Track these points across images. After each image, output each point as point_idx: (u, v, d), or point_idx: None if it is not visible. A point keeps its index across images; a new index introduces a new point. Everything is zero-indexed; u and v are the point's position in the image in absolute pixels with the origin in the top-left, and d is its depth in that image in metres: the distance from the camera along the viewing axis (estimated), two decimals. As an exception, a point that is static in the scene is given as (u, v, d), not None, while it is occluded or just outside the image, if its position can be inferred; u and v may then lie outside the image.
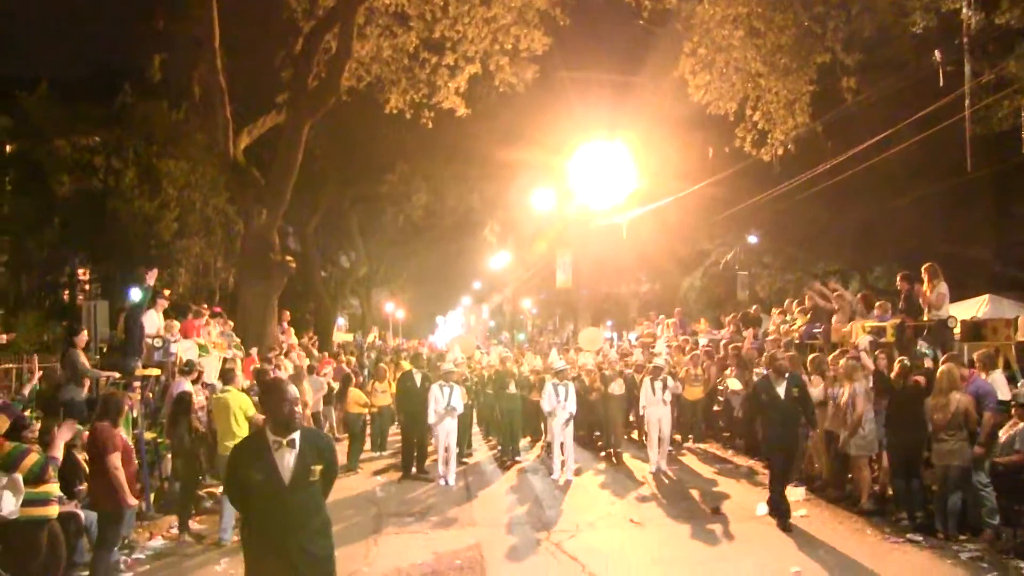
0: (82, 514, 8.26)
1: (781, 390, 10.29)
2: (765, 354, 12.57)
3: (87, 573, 8.01)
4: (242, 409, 10.36)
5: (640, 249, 33.42)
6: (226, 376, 11.19)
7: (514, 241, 44.44)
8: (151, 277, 13.54)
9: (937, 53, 15.35)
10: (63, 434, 7.46)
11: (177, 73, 22.12)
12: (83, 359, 11.82)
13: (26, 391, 8.01)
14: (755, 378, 14.79)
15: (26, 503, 6.71)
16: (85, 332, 12.82)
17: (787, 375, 10.46)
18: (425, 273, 49.62)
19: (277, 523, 4.94)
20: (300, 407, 5.54)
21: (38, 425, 7.66)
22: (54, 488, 7.24)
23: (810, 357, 12.92)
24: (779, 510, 10.33)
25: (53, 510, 7.20)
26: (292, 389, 5.13)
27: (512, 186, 31.98)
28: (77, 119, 21.78)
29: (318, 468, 5.01)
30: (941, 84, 14.94)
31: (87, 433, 8.69)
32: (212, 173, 22.69)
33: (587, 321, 36.46)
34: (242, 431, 10.22)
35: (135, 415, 11.16)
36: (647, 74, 22.87)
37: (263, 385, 5.82)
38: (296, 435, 4.97)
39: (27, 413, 7.90)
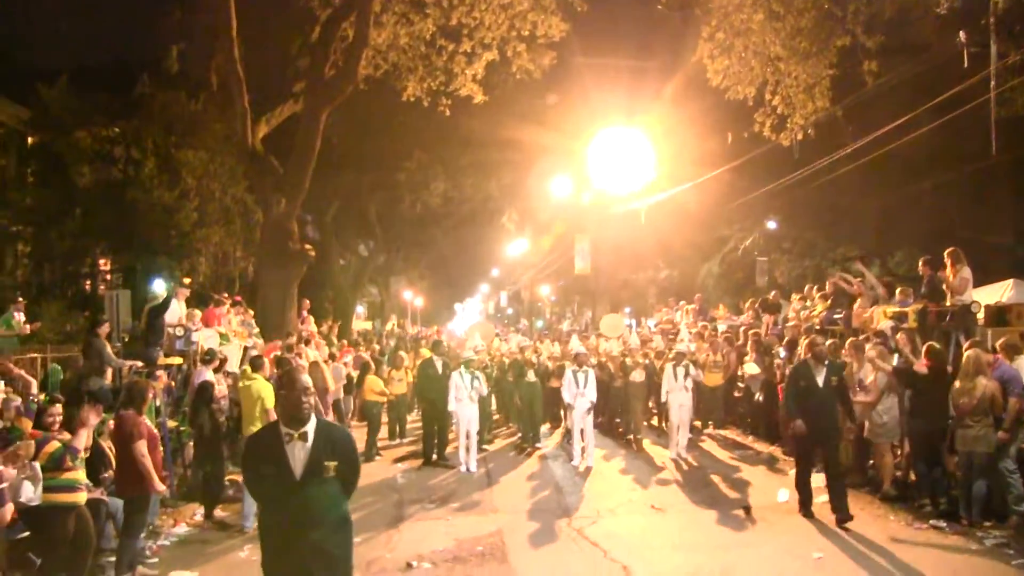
0: (108, 501, 8.34)
1: (820, 378, 9.93)
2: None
3: (114, 559, 8.10)
4: (262, 399, 10.41)
5: (658, 235, 33.32)
6: (254, 363, 11.25)
7: (532, 228, 44.39)
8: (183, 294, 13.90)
9: (962, 34, 15.13)
10: (89, 420, 7.52)
11: (195, 63, 22.23)
12: (107, 349, 11.92)
13: (34, 388, 8.08)
14: (776, 363, 14.82)
15: (53, 490, 6.78)
16: (108, 323, 12.93)
17: (827, 362, 10.10)
18: (443, 261, 49.65)
19: (290, 517, 4.82)
20: (315, 398, 5.08)
21: (58, 409, 7.71)
22: (81, 475, 7.31)
23: (827, 343, 12.83)
24: (802, 496, 10.15)
25: (81, 496, 7.28)
26: (306, 379, 4.96)
27: (530, 173, 31.91)
28: (96, 110, 21.87)
29: (332, 464, 4.85)
30: (965, 65, 14.72)
31: (111, 422, 8.78)
32: (231, 162, 22.75)
33: (605, 308, 36.45)
34: (261, 421, 10.29)
35: (158, 403, 11.26)
36: (665, 59, 22.77)
37: (280, 375, 5.68)
38: (310, 428, 4.86)
39: (41, 397, 7.96)
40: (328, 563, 4.87)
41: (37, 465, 6.72)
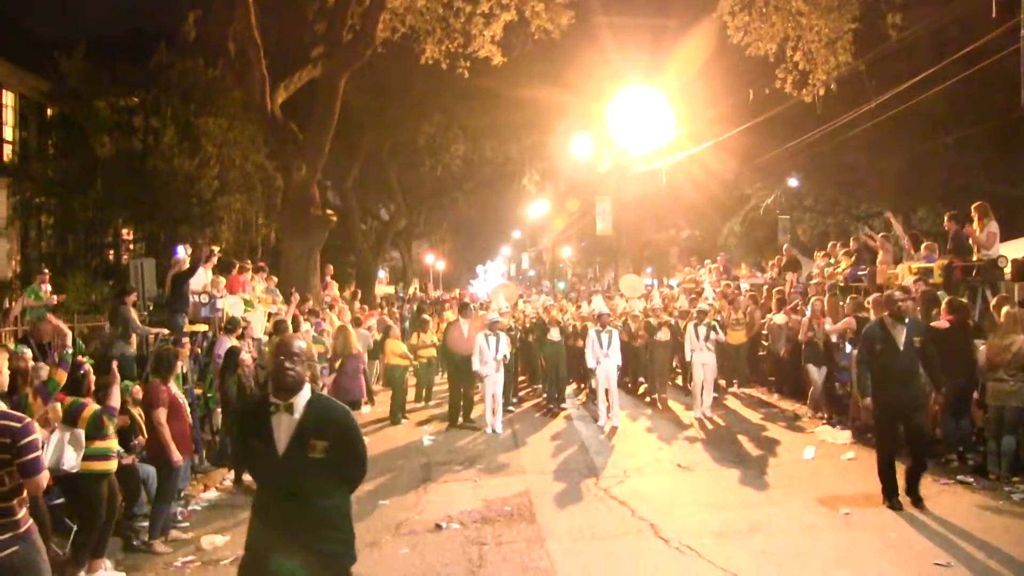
0: (140, 467, 8.46)
1: (901, 338, 8.53)
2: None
3: (147, 524, 8.24)
4: None
5: (680, 195, 33.17)
6: (278, 327, 11.32)
7: (553, 190, 44.28)
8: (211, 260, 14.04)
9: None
10: (116, 377, 7.60)
11: (212, 30, 22.09)
12: (134, 316, 12.03)
13: (68, 350, 8.16)
14: (802, 319, 14.72)
15: (87, 458, 6.87)
16: (135, 291, 13.03)
17: (908, 320, 8.72)
18: (464, 224, 49.77)
19: (278, 502, 4.41)
20: (307, 366, 4.45)
21: (91, 374, 7.78)
22: (113, 443, 7.41)
23: (849, 298, 12.72)
24: (886, 485, 8.71)
25: (112, 464, 7.39)
26: (299, 345, 4.45)
27: (550, 134, 31.77)
28: (114, 80, 21.85)
29: (320, 443, 4.29)
30: (994, 15, 14.44)
31: (136, 388, 8.87)
32: (250, 129, 22.73)
33: (627, 268, 36.45)
34: None
35: (185, 371, 11.36)
36: (685, 16, 22.49)
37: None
38: (300, 400, 4.34)
39: (82, 358, 8.04)
40: (325, 566, 4.40)
41: (81, 432, 6.81)
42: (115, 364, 7.78)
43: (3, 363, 5.10)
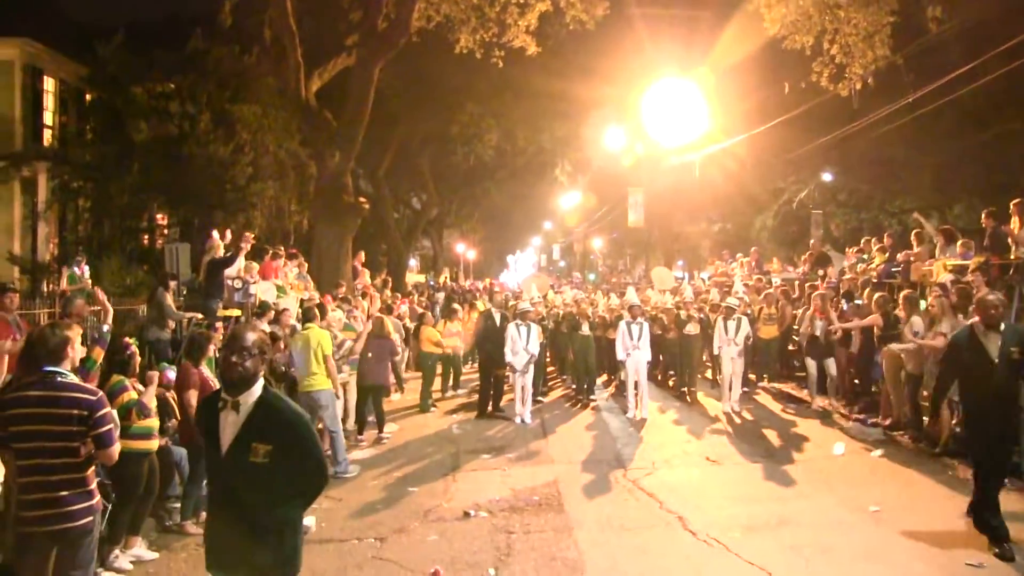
0: (173, 449, 8.57)
1: (993, 348, 7.18)
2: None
3: (179, 505, 8.36)
4: (321, 346, 10.55)
5: (712, 188, 32.97)
6: (307, 314, 11.42)
7: (585, 181, 44.17)
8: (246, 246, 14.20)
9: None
10: (153, 379, 7.72)
11: (248, 17, 22.25)
12: (170, 302, 12.18)
13: (105, 327, 8.29)
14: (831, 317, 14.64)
15: (132, 436, 7.01)
16: (176, 279, 13.21)
17: (1003, 328, 7.35)
18: (496, 213, 49.66)
19: (220, 508, 4.18)
20: (259, 362, 4.07)
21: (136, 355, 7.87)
22: (155, 423, 7.56)
23: (903, 294, 12.57)
24: (984, 523, 7.34)
25: (154, 444, 7.53)
26: (251, 337, 4.09)
27: (583, 125, 31.67)
28: (151, 66, 22.07)
29: (263, 447, 3.92)
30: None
31: (169, 372, 9.00)
32: (284, 117, 22.87)
33: (659, 260, 36.35)
34: (321, 368, 10.46)
35: (217, 355, 11.48)
36: (721, 8, 22.31)
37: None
38: (249, 398, 4.01)
39: (129, 340, 8.15)
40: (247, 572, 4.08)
41: (113, 412, 6.92)
42: (155, 375, 7.86)
43: (77, 339, 5.23)
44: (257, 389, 4.05)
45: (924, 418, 11.64)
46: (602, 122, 30.93)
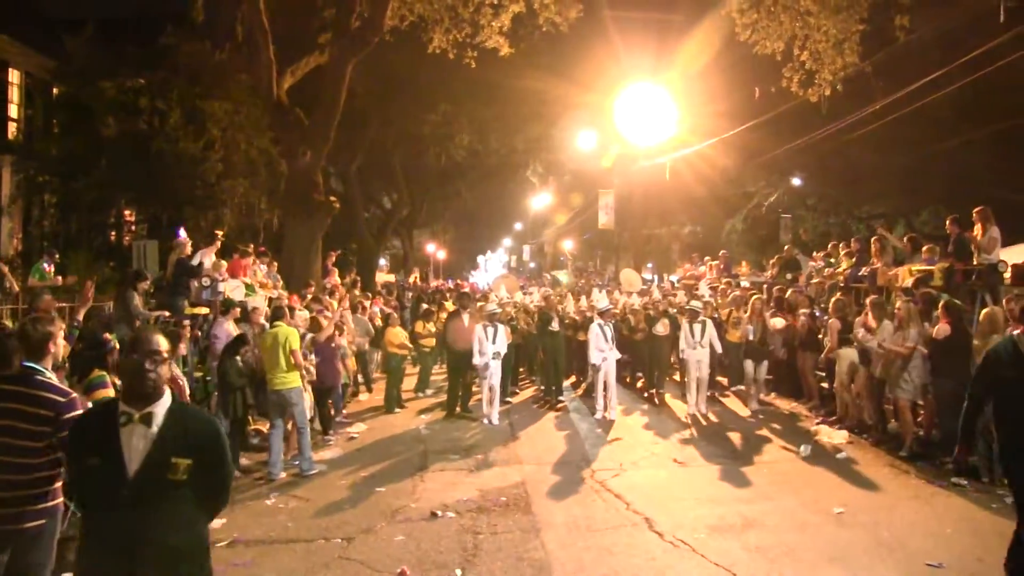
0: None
1: None
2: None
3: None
4: (290, 342, 10.52)
5: (683, 191, 33.18)
6: (276, 312, 11.37)
7: (556, 182, 44.30)
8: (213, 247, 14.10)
9: (999, -12, 14.85)
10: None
11: (220, 13, 22.11)
12: (137, 301, 12.07)
13: (80, 315, 8.22)
14: (800, 321, 14.78)
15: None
16: (148, 278, 13.04)
17: None
18: (467, 214, 49.74)
19: (117, 536, 3.51)
20: (168, 369, 3.71)
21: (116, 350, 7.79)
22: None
23: (870, 299, 12.70)
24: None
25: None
26: (159, 341, 3.68)
27: (555, 127, 31.78)
28: (121, 61, 21.88)
29: (183, 462, 3.55)
30: (1002, 20, 14.45)
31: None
32: (256, 114, 22.74)
33: (629, 263, 36.44)
34: (291, 366, 10.44)
35: (184, 354, 11.40)
36: (693, 13, 22.46)
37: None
38: (158, 409, 3.59)
39: (109, 336, 8.08)
40: None
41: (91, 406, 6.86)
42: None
43: (59, 335, 5.16)
44: (167, 398, 3.67)
45: (890, 421, 11.83)
46: (574, 124, 31.05)
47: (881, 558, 7.21)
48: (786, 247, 21.59)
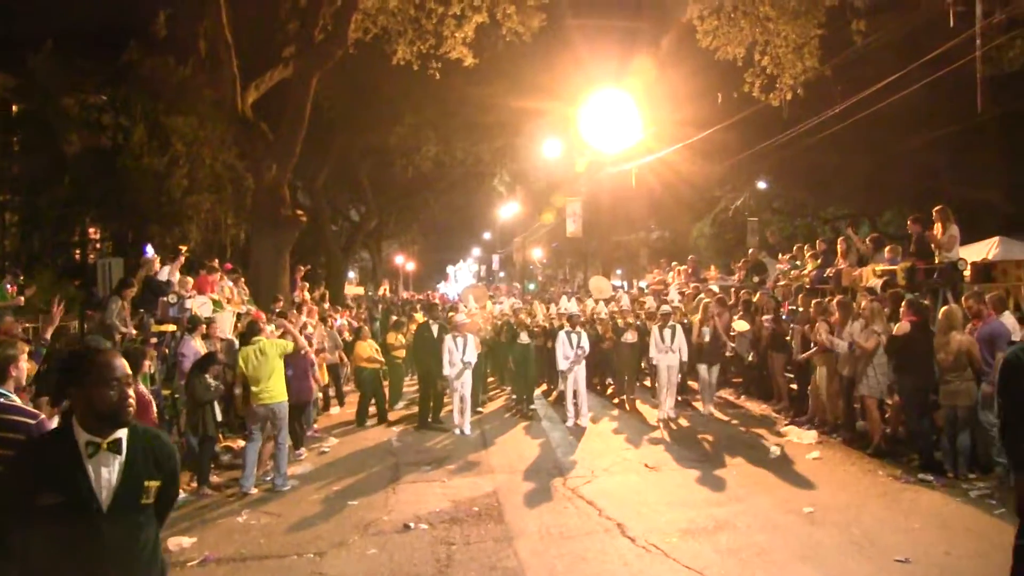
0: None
1: None
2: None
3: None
4: (279, 351, 10.57)
5: (650, 197, 33.34)
6: (252, 328, 11.28)
7: (524, 191, 44.38)
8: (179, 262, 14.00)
9: (947, -8, 15.14)
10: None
11: (183, 28, 21.96)
12: (120, 309, 11.92)
13: (48, 334, 8.16)
14: (764, 323, 14.92)
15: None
16: (135, 288, 12.87)
17: None
18: (435, 225, 49.72)
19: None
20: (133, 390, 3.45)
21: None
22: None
23: (837, 300, 12.81)
24: None
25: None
26: (124, 364, 3.41)
27: (521, 136, 31.85)
28: (83, 77, 21.70)
29: (155, 484, 3.38)
30: (952, 25, 14.75)
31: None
32: (221, 129, 22.59)
33: (597, 270, 36.59)
34: (283, 379, 10.55)
35: (152, 371, 11.32)
36: (655, 20, 22.66)
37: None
38: (122, 433, 3.34)
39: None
40: None
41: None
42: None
43: (23, 357, 5.08)
44: (128, 421, 3.39)
45: (859, 421, 11.97)
46: (540, 133, 31.15)
47: (852, 556, 7.29)
48: (751, 251, 21.78)
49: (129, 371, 3.41)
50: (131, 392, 3.37)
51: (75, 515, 3.17)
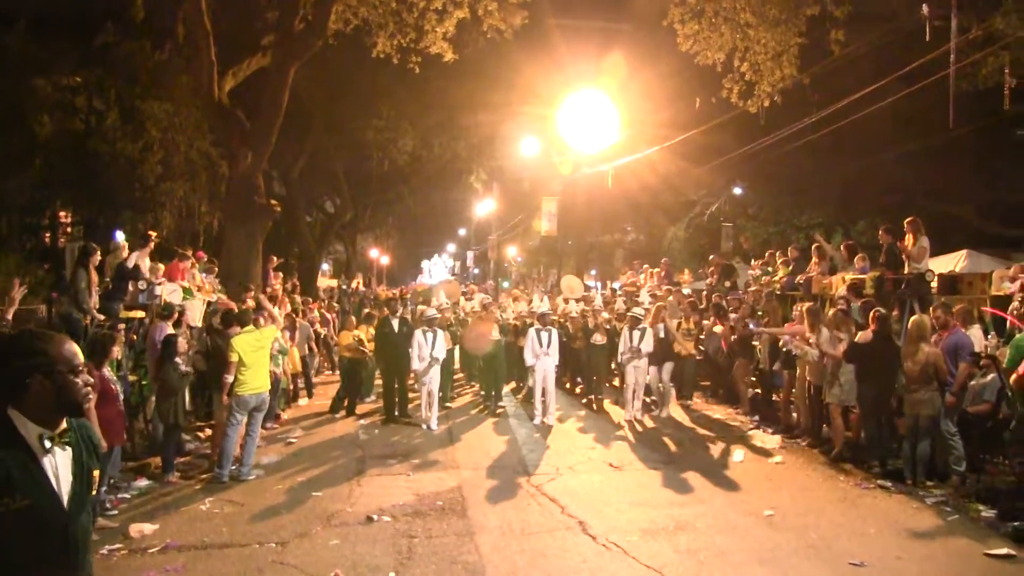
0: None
1: None
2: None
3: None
4: (274, 339, 10.82)
5: (626, 198, 33.45)
6: (244, 317, 11.24)
7: (500, 189, 44.40)
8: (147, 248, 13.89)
9: (925, 7, 15.25)
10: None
11: (161, 13, 21.79)
12: (89, 279, 11.78)
13: (9, 314, 8.07)
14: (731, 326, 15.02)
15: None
16: (97, 254, 12.63)
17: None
18: (410, 219, 49.58)
19: None
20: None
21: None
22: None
23: (805, 307, 12.86)
24: None
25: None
26: (78, 352, 3.10)
27: (499, 133, 31.84)
28: (57, 58, 21.45)
29: (97, 471, 3.14)
30: (928, 39, 14.91)
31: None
32: (196, 115, 22.44)
33: (571, 269, 36.61)
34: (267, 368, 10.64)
35: (120, 357, 11.24)
36: (636, 22, 22.74)
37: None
38: (65, 423, 3.03)
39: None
40: None
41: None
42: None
43: None
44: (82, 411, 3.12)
45: (824, 425, 12.09)
46: (518, 131, 31.16)
47: (808, 559, 7.38)
48: (712, 257, 21.88)
49: (82, 359, 3.09)
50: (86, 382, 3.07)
51: (42, 520, 2.86)
